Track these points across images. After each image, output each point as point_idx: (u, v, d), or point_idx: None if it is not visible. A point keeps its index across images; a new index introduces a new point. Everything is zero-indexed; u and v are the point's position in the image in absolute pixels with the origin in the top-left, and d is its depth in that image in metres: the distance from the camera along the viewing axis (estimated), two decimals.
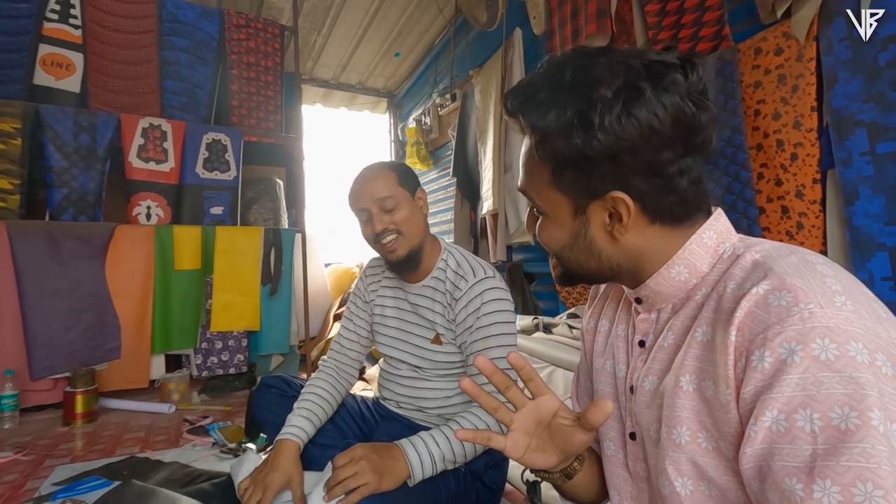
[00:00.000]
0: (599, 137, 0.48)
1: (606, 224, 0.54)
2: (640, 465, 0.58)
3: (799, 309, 0.41)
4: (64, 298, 2.14)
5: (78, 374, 2.03)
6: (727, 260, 0.52)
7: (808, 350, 0.40)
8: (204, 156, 2.55)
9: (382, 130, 4.94)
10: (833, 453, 0.37)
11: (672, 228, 0.54)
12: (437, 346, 1.13)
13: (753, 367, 0.42)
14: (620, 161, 0.49)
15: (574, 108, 0.49)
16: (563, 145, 0.50)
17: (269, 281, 2.67)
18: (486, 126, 2.88)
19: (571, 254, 0.57)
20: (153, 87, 2.54)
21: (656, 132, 0.48)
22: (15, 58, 2.20)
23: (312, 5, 3.32)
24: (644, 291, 0.56)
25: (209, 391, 2.42)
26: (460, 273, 1.10)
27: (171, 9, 2.61)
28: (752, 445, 0.42)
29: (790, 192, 1.36)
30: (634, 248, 0.54)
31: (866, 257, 1.20)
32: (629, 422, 0.59)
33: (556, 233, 0.57)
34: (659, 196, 0.51)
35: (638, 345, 0.59)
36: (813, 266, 0.45)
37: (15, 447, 1.74)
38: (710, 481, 0.48)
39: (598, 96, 0.48)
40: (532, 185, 0.57)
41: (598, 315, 0.70)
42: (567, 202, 0.55)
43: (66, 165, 2.22)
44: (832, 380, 0.38)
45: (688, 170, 0.51)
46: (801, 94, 1.33)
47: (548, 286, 2.63)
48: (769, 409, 0.41)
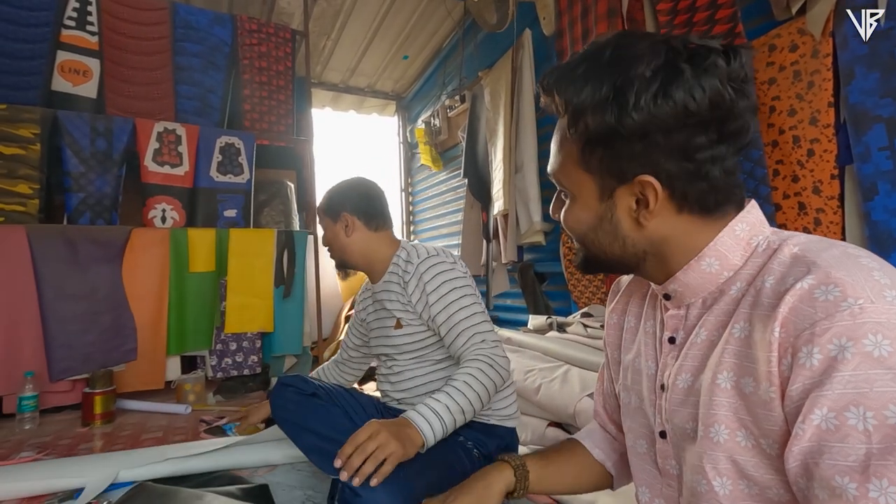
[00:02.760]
0: (633, 115, 0.48)
1: (633, 210, 0.53)
2: (671, 463, 0.58)
3: (848, 304, 0.40)
4: (82, 301, 2.17)
5: (96, 376, 2.06)
6: (763, 254, 0.50)
7: (859, 346, 0.38)
8: (217, 159, 2.58)
9: (391, 133, 4.97)
10: (889, 452, 0.36)
11: (701, 219, 0.52)
12: (398, 330, 1.20)
13: (801, 365, 0.41)
14: (652, 141, 0.49)
15: (610, 85, 0.48)
16: (596, 121, 0.50)
17: (283, 283, 2.69)
18: (496, 127, 2.89)
19: (596, 238, 0.56)
20: (167, 92, 2.58)
21: (692, 114, 0.47)
22: (34, 65, 2.25)
23: (322, 10, 3.35)
24: (673, 286, 0.55)
25: (224, 392, 2.44)
26: (408, 260, 1.20)
27: (185, 15, 2.65)
28: (800, 444, 0.41)
29: (807, 189, 1.36)
30: (660, 237, 0.53)
31: (886, 253, 1.20)
32: (659, 419, 0.58)
33: (581, 215, 0.56)
34: (689, 182, 0.50)
35: (668, 342, 0.58)
36: (857, 259, 0.43)
37: (36, 447, 1.76)
38: (749, 479, 0.47)
39: (637, 74, 0.48)
40: (561, 166, 0.57)
41: (621, 311, 0.69)
42: (594, 184, 0.54)
43: (84, 170, 2.26)
44: (885, 377, 0.37)
45: (721, 158, 0.50)
46: (818, 90, 1.33)
47: (559, 286, 2.63)
48: (818, 406, 0.39)
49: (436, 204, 4.29)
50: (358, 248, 1.26)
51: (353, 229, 1.25)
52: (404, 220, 4.84)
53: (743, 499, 0.48)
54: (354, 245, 1.26)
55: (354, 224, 1.25)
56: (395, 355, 1.24)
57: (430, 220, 4.42)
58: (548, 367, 1.71)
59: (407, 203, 4.85)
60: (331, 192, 1.30)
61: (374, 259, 1.26)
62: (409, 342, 1.20)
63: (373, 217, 1.26)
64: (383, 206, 1.30)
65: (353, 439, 0.86)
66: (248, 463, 1.45)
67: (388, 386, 1.28)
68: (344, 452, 0.85)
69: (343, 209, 1.25)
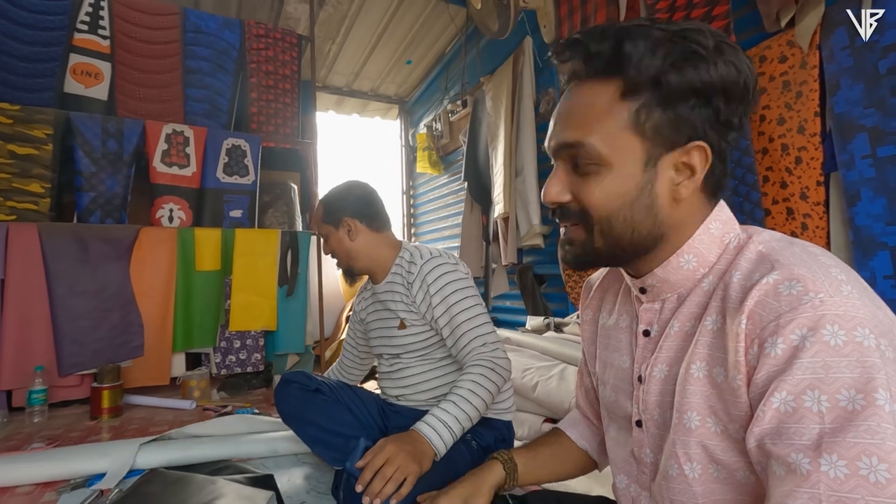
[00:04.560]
0: (711, 72, 0.50)
1: (674, 179, 0.53)
2: (645, 451, 0.60)
3: (810, 298, 0.43)
4: (91, 298, 2.23)
5: (104, 371, 2.11)
6: (732, 250, 0.53)
7: (818, 336, 0.41)
8: (224, 161, 2.64)
9: (393, 136, 5.03)
10: (840, 431, 0.39)
11: (705, 202, 0.55)
12: (402, 330, 1.23)
13: (766, 354, 0.44)
14: (714, 106, 0.51)
15: (681, 49, 0.50)
16: (672, 78, 0.50)
17: (286, 282, 2.74)
18: (497, 132, 2.94)
19: (630, 213, 0.53)
20: (177, 95, 2.64)
21: (745, 86, 0.51)
22: (47, 67, 2.31)
23: (328, 15, 3.42)
24: (650, 280, 0.57)
25: (228, 389, 2.49)
26: (412, 261, 1.22)
27: (195, 20, 2.71)
28: (760, 425, 0.43)
29: (795, 195, 1.41)
30: (684, 215, 0.55)
31: (869, 256, 1.25)
32: (636, 409, 0.60)
33: (620, 187, 0.53)
34: (720, 159, 0.53)
35: (643, 335, 0.60)
36: (816, 257, 0.47)
37: (46, 440, 1.81)
38: (718, 463, 0.50)
39: (702, 44, 0.50)
40: (600, 132, 0.53)
41: (596, 307, 0.72)
42: (642, 149, 0.53)
43: (95, 170, 2.32)
44: (840, 364, 0.40)
45: (733, 142, 0.54)
46: (805, 99, 1.38)
47: (558, 288, 2.68)
48: (779, 391, 0.42)
49: (437, 206, 4.34)
50: (364, 250, 1.26)
51: (356, 232, 1.25)
52: (405, 221, 4.89)
53: (712, 481, 0.51)
54: (360, 248, 1.26)
55: (357, 227, 1.25)
56: (399, 354, 1.26)
57: (431, 223, 4.47)
58: (545, 365, 1.76)
59: (408, 205, 4.91)
60: (327, 200, 1.29)
61: (378, 260, 1.28)
62: (412, 342, 1.22)
63: (374, 218, 1.27)
64: (381, 207, 1.31)
65: (371, 465, 0.88)
66: (255, 453, 1.50)
67: (388, 383, 1.31)
68: (364, 479, 0.87)
69: (344, 213, 1.25)
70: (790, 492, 0.40)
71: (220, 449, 1.46)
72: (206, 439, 1.52)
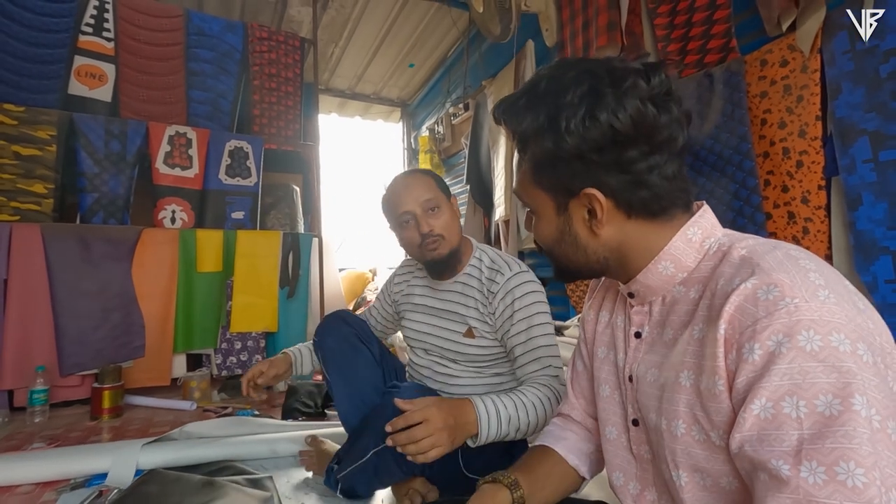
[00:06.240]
0: (567, 139, 0.54)
1: (586, 220, 0.58)
2: (644, 448, 0.61)
3: (785, 303, 0.43)
4: (93, 298, 2.24)
5: (105, 371, 2.11)
6: (714, 256, 0.54)
7: (794, 342, 0.42)
8: (227, 162, 2.65)
9: (395, 139, 5.04)
10: (818, 437, 0.40)
11: (650, 222, 0.57)
12: (469, 339, 1.15)
13: (745, 360, 0.45)
14: (589, 160, 0.54)
15: (545, 114, 0.55)
16: (538, 147, 0.57)
17: (287, 284, 2.75)
18: (498, 135, 2.95)
19: (560, 249, 0.62)
20: (180, 97, 2.65)
21: (618, 132, 0.52)
22: (52, 69, 2.32)
23: (331, 18, 3.43)
24: (635, 286, 0.60)
25: (228, 390, 2.49)
26: (495, 268, 1.14)
27: (198, 22, 2.73)
28: (741, 431, 0.44)
29: (796, 198, 1.41)
30: (616, 242, 0.58)
31: (870, 261, 1.24)
32: (630, 409, 0.62)
33: (545, 230, 0.62)
34: (630, 191, 0.55)
35: (634, 336, 0.62)
36: (797, 261, 0.47)
37: (47, 440, 1.81)
38: (702, 471, 0.51)
39: (565, 102, 0.54)
40: (521, 186, 0.63)
41: (597, 307, 0.73)
42: (550, 200, 0.60)
43: (98, 171, 2.33)
44: (816, 369, 0.41)
45: (657, 166, 0.54)
46: (806, 103, 1.38)
47: (559, 291, 2.68)
48: (758, 397, 0.43)
49: None
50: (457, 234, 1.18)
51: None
52: None
53: (699, 489, 0.52)
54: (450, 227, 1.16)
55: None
56: (455, 360, 1.19)
57: None
58: None
59: None
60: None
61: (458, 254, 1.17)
62: (477, 353, 1.15)
63: None
64: None
65: (407, 416, 0.85)
66: (255, 454, 1.50)
67: (429, 382, 1.24)
68: (395, 425, 0.84)
69: None
70: (773, 497, 0.41)
71: (220, 450, 1.46)
72: (206, 440, 1.53)
